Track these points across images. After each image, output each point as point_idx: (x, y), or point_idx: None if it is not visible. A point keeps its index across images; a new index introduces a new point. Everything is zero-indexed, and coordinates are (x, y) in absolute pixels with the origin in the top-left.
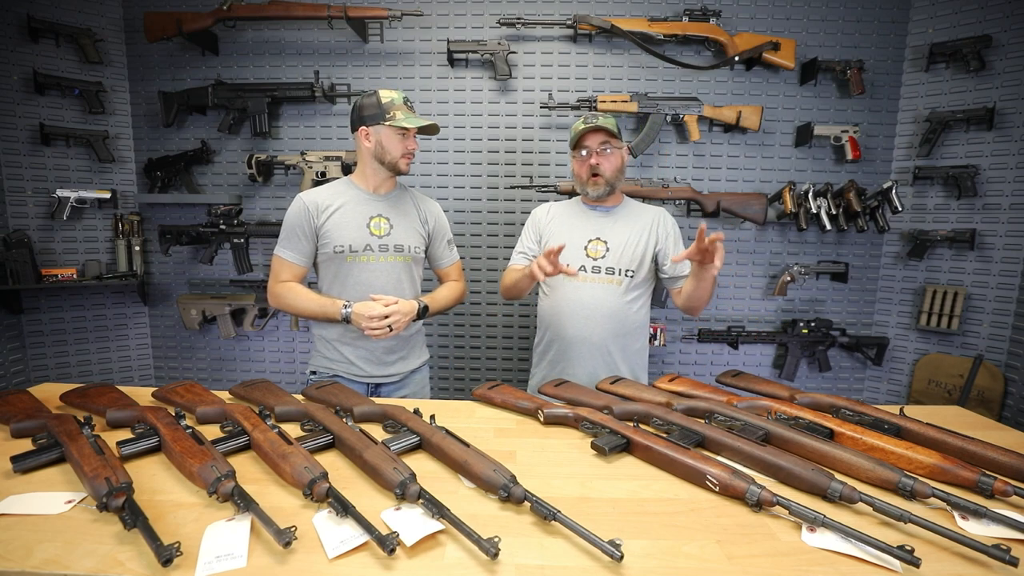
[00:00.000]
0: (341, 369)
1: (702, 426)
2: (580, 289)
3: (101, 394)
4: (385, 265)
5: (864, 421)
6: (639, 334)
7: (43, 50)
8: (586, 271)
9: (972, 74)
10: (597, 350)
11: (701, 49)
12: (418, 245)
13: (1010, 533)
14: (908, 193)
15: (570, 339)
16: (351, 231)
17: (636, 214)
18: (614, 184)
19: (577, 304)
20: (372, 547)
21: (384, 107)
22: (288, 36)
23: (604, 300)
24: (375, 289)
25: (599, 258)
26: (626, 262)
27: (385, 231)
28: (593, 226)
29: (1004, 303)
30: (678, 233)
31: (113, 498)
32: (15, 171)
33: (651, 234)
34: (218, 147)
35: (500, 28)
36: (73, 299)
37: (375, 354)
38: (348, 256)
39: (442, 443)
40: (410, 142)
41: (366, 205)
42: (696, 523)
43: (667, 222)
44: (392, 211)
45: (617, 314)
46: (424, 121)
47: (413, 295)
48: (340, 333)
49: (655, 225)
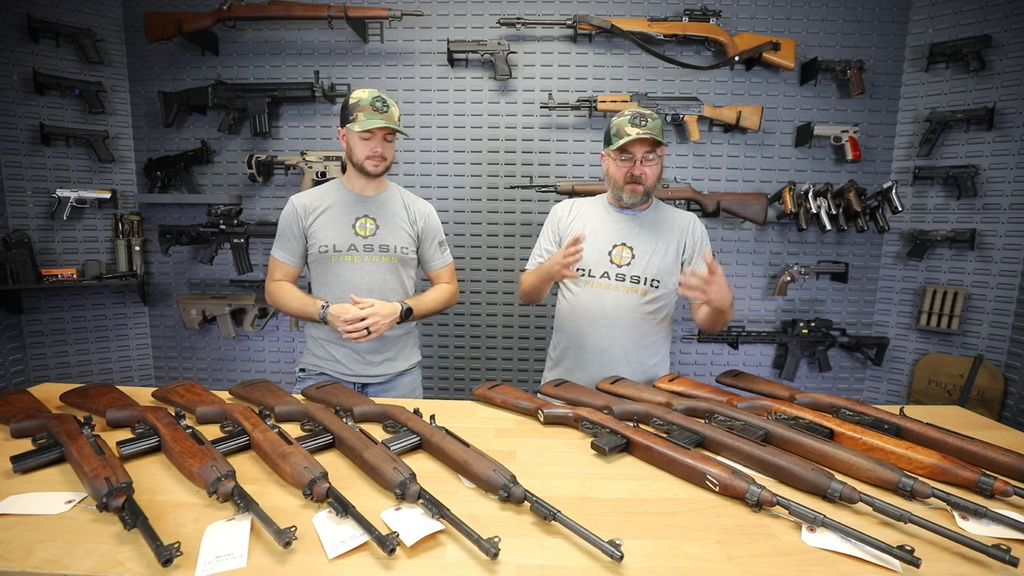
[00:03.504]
0: (328, 367)
1: (702, 426)
2: (602, 296)
3: (101, 394)
4: (370, 265)
5: (864, 421)
6: (658, 348)
7: (43, 50)
8: (609, 278)
9: (972, 74)
10: (615, 361)
11: (701, 49)
12: (406, 246)
13: (1010, 533)
14: (908, 193)
15: (588, 348)
16: (336, 231)
17: (666, 220)
18: (651, 193)
19: (599, 312)
20: (372, 547)
21: (351, 108)
22: (288, 36)
23: (626, 309)
24: (359, 289)
25: (624, 265)
26: (653, 271)
27: (371, 231)
28: (619, 230)
29: (1004, 303)
30: (707, 241)
31: (113, 498)
32: (15, 171)
33: (679, 243)
34: (218, 147)
35: (500, 28)
36: (73, 299)
37: (360, 354)
38: (332, 256)
39: (442, 443)
40: (376, 144)
41: (353, 206)
42: (696, 523)
43: (696, 230)
44: (379, 211)
45: (640, 325)
46: (377, 123)
47: (401, 296)
48: (327, 331)
49: (684, 233)
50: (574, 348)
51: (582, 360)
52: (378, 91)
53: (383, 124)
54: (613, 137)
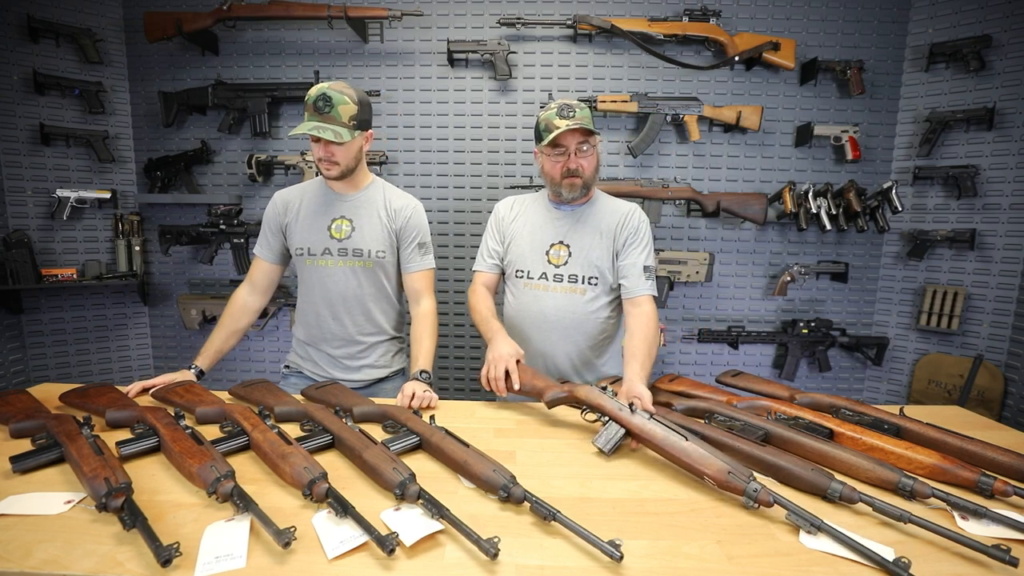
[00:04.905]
0: (307, 368)
1: (702, 426)
2: (541, 299)
3: (101, 394)
4: (345, 270)
5: (864, 421)
6: (606, 345)
7: (43, 50)
8: (547, 279)
9: (972, 74)
10: (560, 364)
11: (701, 49)
12: (381, 249)
13: (1010, 533)
14: (908, 193)
15: (532, 352)
16: (311, 233)
17: (604, 212)
18: (591, 185)
19: (539, 315)
20: (372, 547)
21: (303, 107)
22: (288, 36)
23: (567, 312)
24: (334, 295)
25: (561, 265)
26: (590, 268)
27: (346, 234)
28: (556, 229)
29: (1004, 303)
30: (645, 232)
31: (112, 498)
32: (15, 171)
33: (614, 234)
34: (218, 147)
35: (500, 28)
36: (73, 299)
37: (336, 359)
38: (308, 259)
39: (442, 443)
40: (318, 148)
41: (330, 206)
42: (696, 523)
43: (632, 221)
44: (356, 212)
45: (583, 326)
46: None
47: (381, 303)
48: (305, 334)
49: (619, 224)
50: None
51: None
52: (327, 86)
53: (304, 130)
54: (543, 132)
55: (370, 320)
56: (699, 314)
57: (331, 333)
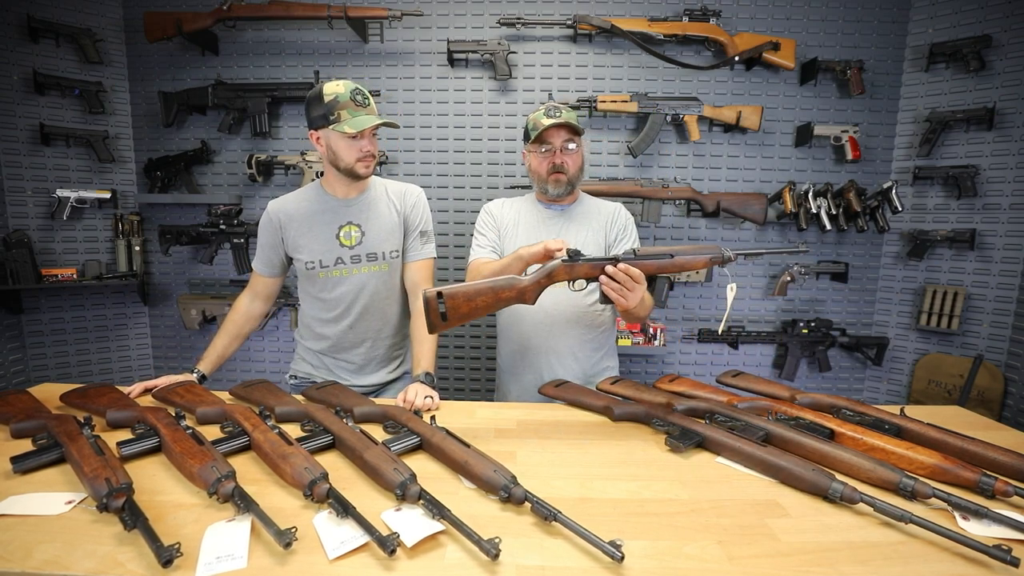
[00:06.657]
0: (320, 376)
1: (703, 426)
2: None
3: (101, 394)
4: (360, 278)
5: (865, 421)
6: (602, 341)
7: (43, 50)
8: None
9: (972, 74)
10: (563, 360)
11: (701, 49)
12: (395, 249)
13: (1011, 533)
14: (908, 193)
15: (534, 348)
16: (319, 244)
17: (592, 211)
18: (575, 183)
19: (538, 311)
20: (372, 548)
21: (328, 106)
22: (288, 36)
23: (566, 305)
24: (350, 304)
25: None
26: None
27: (356, 240)
28: (549, 227)
29: (1004, 303)
30: (632, 229)
31: (113, 499)
32: (15, 171)
33: (605, 231)
34: (218, 147)
35: (500, 28)
36: (73, 299)
37: (356, 365)
38: (320, 272)
39: (442, 444)
40: (364, 143)
41: (334, 213)
42: (697, 523)
43: (620, 219)
44: (364, 216)
45: (581, 320)
46: (372, 121)
47: (396, 306)
48: (318, 344)
49: (609, 222)
50: (520, 351)
51: (530, 362)
52: (351, 81)
53: (376, 121)
54: (531, 132)
55: (388, 323)
56: (699, 314)
57: (349, 341)
